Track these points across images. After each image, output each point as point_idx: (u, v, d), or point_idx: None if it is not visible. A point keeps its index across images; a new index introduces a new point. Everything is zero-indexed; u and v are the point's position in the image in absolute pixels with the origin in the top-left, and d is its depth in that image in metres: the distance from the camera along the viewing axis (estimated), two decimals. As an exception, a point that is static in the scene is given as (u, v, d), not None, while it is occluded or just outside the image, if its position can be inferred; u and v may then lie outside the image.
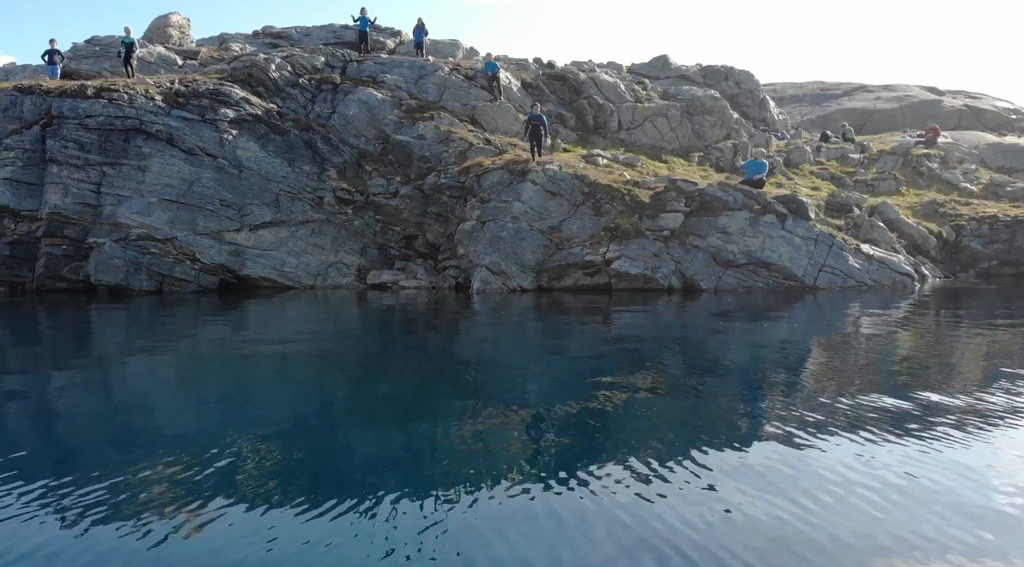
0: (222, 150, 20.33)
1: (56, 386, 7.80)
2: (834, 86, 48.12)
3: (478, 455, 4.84)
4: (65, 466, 4.74)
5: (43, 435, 5.78)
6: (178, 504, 3.88)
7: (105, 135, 19.36)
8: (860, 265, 18.80)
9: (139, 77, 22.13)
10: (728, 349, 10.03)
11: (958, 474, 4.23)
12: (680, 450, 4.79)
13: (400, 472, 4.38)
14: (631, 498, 3.89)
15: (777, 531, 3.40)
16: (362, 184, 21.71)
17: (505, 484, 4.16)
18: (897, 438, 5.00)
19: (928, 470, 4.27)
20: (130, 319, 14.70)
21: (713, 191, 19.30)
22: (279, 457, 4.76)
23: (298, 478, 4.35)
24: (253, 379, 8.12)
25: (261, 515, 3.70)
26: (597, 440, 5.21)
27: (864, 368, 8.30)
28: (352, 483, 4.24)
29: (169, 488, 4.14)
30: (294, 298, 18.28)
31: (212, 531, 3.53)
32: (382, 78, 23.94)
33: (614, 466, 4.43)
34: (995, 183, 29.03)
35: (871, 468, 4.33)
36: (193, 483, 4.21)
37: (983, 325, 12.21)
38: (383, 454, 4.85)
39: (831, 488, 3.97)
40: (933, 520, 3.55)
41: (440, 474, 4.39)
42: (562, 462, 4.59)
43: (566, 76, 27.19)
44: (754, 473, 4.23)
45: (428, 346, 11.04)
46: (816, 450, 4.74)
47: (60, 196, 18.87)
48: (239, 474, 4.39)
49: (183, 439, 5.32)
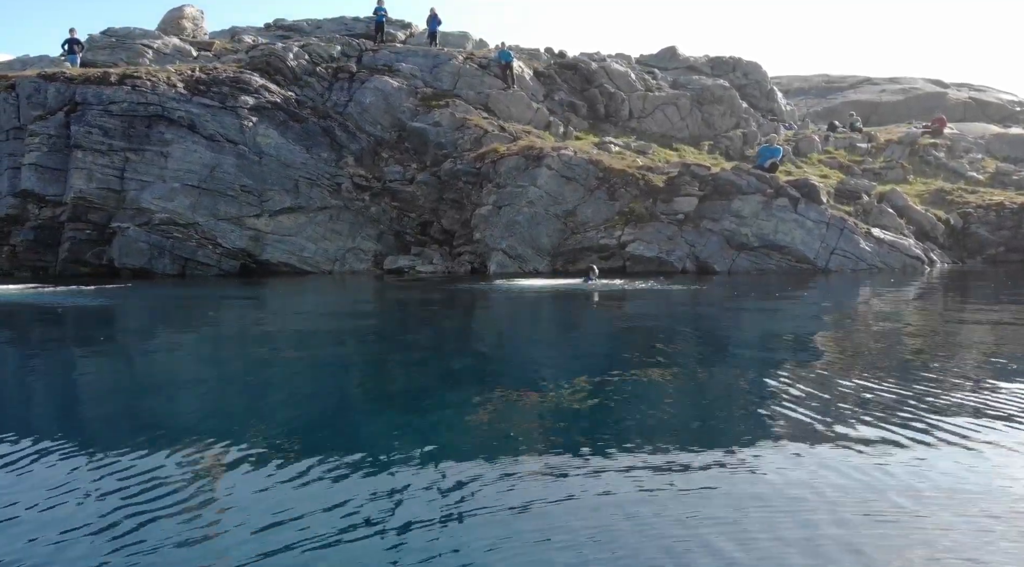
0: (242, 137, 20.66)
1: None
2: (839, 79, 48.23)
3: (490, 433, 4.94)
4: (96, 437, 4.93)
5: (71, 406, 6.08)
6: (193, 479, 3.88)
7: (128, 121, 19.70)
8: (871, 248, 19.11)
9: (161, 66, 22.45)
10: (742, 329, 10.35)
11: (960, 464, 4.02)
12: (684, 436, 4.68)
13: (417, 451, 4.35)
14: (629, 483, 3.78)
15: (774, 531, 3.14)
16: (379, 171, 22.05)
17: (506, 460, 4.17)
18: (906, 427, 4.70)
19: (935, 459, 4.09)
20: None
21: (726, 175, 19.63)
22: (296, 435, 4.82)
23: (316, 450, 4.36)
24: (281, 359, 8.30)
25: (272, 493, 3.69)
26: (611, 417, 5.24)
27: (890, 346, 8.60)
28: (365, 459, 4.23)
29: (187, 463, 4.17)
30: (314, 282, 18.65)
31: (226, 510, 3.48)
32: (397, 67, 24.26)
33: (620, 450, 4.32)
34: (1000, 172, 29.25)
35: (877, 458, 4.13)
36: (213, 458, 4.27)
37: (994, 305, 12.57)
38: (400, 429, 4.99)
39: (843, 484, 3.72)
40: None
41: (451, 452, 4.38)
42: (574, 442, 4.55)
43: (577, 65, 27.49)
44: (760, 464, 4.06)
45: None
46: (832, 442, 4.47)
47: (84, 181, 19.20)
48: (262, 447, 4.47)
49: (207, 419, 5.49)
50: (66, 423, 5.39)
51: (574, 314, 12.66)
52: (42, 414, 5.85)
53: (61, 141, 19.57)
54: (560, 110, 25.62)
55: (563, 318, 12.41)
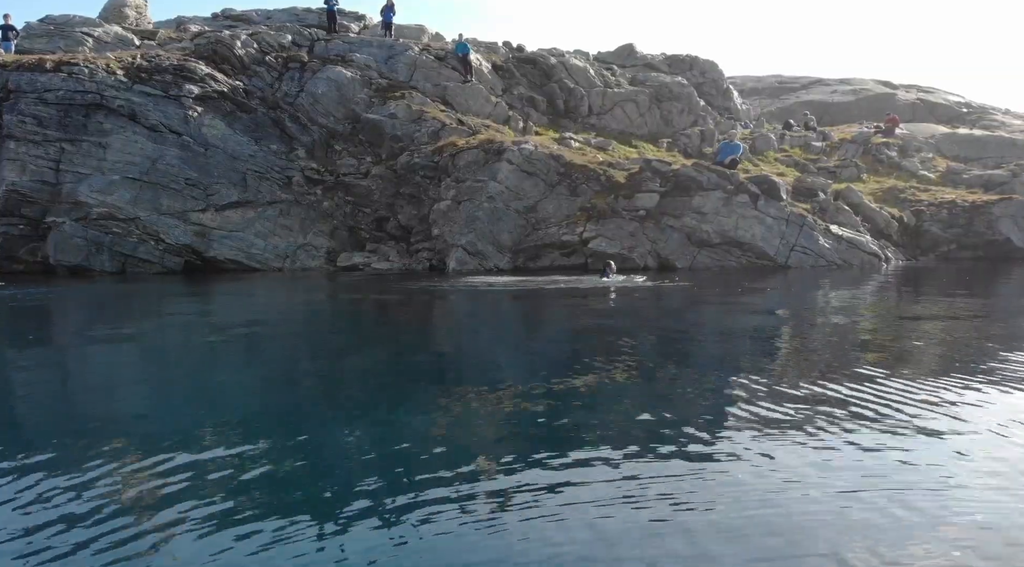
0: (187, 127, 19.72)
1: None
2: (792, 80, 48.85)
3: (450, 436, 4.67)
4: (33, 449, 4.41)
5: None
6: (138, 494, 3.59)
7: (65, 110, 18.63)
8: (830, 245, 19.11)
9: (100, 54, 21.35)
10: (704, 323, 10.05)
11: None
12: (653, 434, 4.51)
13: (371, 458, 4.16)
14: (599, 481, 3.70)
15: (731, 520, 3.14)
16: (331, 164, 21.31)
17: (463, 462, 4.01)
18: (865, 422, 4.72)
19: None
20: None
21: (687, 171, 19.41)
22: (245, 447, 4.39)
23: (263, 468, 3.99)
24: (226, 361, 7.73)
25: (221, 510, 3.39)
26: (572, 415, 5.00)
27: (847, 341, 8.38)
28: (317, 473, 3.94)
29: (131, 476, 3.85)
30: (264, 280, 17.85)
31: (173, 524, 3.21)
32: (351, 57, 23.48)
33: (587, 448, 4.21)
34: (951, 171, 29.78)
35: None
36: (154, 471, 3.91)
37: (947, 299, 12.55)
38: (356, 435, 4.68)
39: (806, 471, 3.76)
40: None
41: (412, 458, 4.13)
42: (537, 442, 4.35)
43: (536, 60, 27.06)
44: (716, 459, 4.03)
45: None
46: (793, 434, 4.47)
47: (17, 173, 18.12)
48: (209, 460, 4.11)
49: (147, 423, 5.08)
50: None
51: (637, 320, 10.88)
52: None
53: (-9, 131, 18.44)
54: (519, 105, 25.17)
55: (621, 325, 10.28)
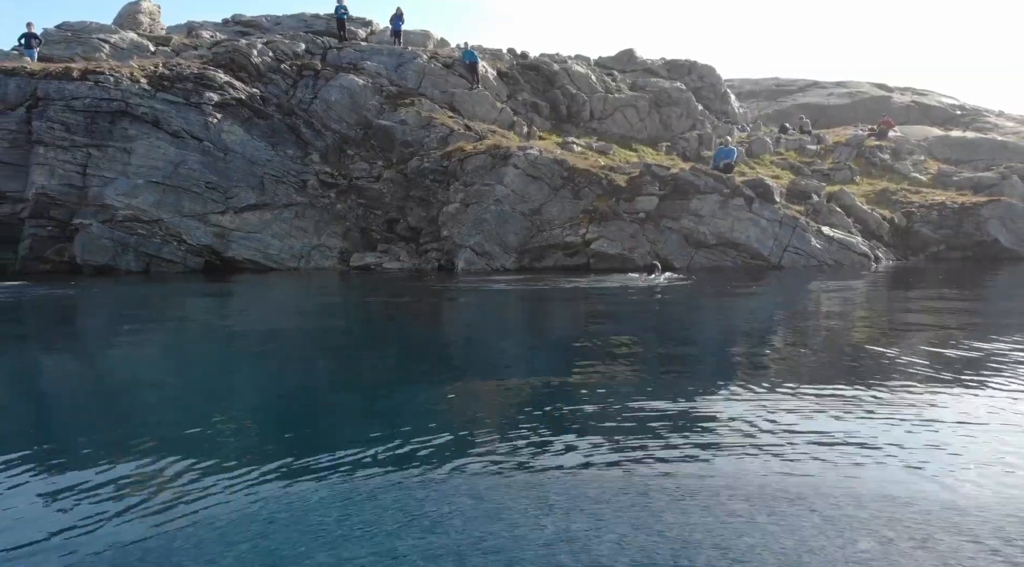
0: (207, 133, 20.63)
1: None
2: (789, 82, 49.74)
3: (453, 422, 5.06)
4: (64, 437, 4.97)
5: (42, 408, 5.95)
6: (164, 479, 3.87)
7: (91, 117, 19.51)
8: (821, 246, 20.02)
9: (123, 62, 22.24)
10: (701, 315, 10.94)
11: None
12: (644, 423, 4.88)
13: (384, 444, 4.44)
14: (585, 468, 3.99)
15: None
16: (344, 168, 22.22)
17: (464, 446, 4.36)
18: (858, 412, 5.13)
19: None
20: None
21: (685, 176, 20.33)
22: (262, 435, 4.86)
23: (284, 451, 4.38)
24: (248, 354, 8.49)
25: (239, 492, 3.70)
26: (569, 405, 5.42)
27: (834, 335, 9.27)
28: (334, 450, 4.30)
29: (156, 464, 4.14)
30: (281, 279, 18.77)
31: (201, 507, 3.47)
32: (362, 65, 24.43)
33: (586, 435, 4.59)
34: (942, 173, 30.65)
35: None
36: (180, 459, 4.22)
37: (931, 298, 13.42)
38: (368, 418, 5.15)
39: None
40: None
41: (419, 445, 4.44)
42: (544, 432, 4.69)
43: (540, 66, 28.00)
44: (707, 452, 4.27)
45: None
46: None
47: (46, 177, 18.99)
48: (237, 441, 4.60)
49: (183, 409, 5.61)
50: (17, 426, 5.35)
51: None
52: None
53: (22, 137, 19.30)
54: (524, 110, 26.10)
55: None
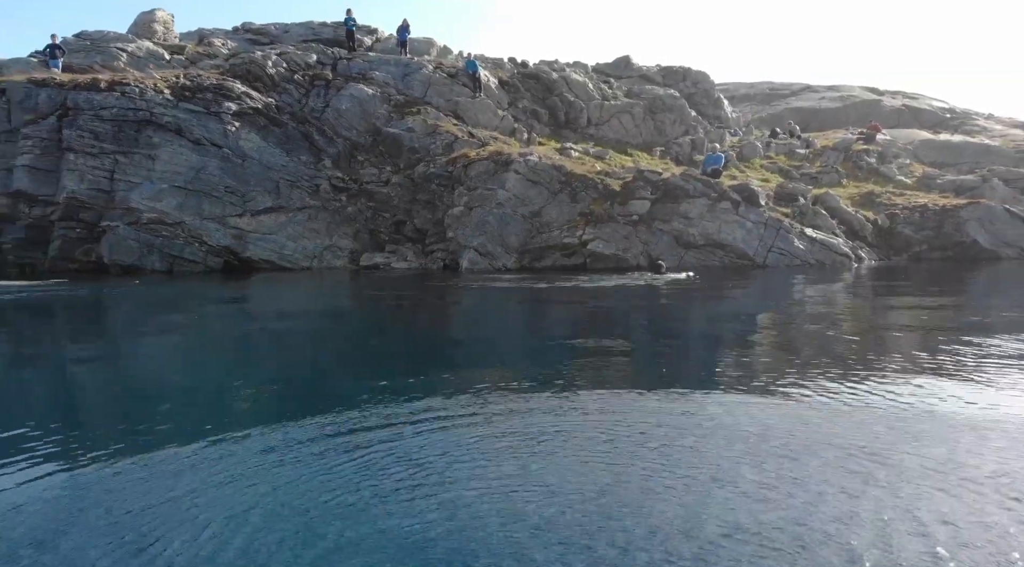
0: (226, 141, 21.92)
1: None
2: (783, 86, 51.04)
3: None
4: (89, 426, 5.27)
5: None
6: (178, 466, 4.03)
7: (118, 126, 20.80)
8: (804, 246, 21.28)
9: (146, 73, 23.52)
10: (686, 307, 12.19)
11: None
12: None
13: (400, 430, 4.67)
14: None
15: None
16: (355, 173, 23.52)
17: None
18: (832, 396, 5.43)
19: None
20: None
21: (676, 181, 21.60)
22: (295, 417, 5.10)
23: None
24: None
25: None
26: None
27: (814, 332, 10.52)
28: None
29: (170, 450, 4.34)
30: (297, 278, 20.03)
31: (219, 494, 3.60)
32: (371, 75, 25.71)
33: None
34: (927, 176, 31.91)
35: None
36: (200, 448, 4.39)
37: (907, 295, 14.67)
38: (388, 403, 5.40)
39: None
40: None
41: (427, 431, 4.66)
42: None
43: (539, 75, 29.28)
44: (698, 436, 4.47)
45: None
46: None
47: (76, 182, 20.27)
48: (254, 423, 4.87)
49: (216, 397, 5.99)
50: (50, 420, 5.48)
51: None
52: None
53: (53, 144, 20.58)
54: (524, 117, 27.39)
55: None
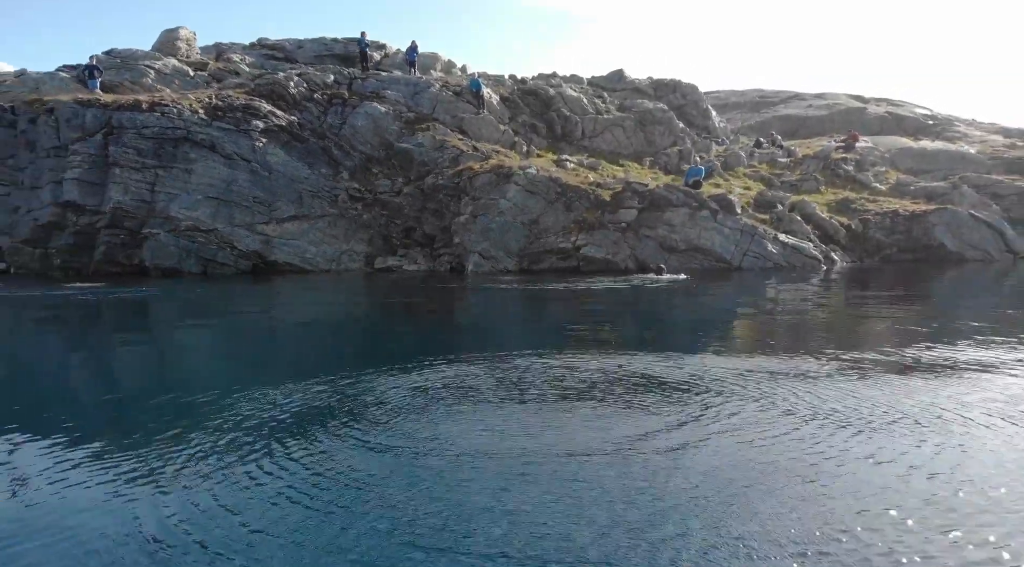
0: (254, 155, 24.23)
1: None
2: (772, 94, 53.29)
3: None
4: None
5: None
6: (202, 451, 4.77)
7: (159, 142, 23.11)
8: (776, 250, 23.54)
9: (173, 89, 25.84)
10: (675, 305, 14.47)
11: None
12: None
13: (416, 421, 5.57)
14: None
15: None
16: (370, 184, 25.83)
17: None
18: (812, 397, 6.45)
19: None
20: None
21: (661, 191, 23.89)
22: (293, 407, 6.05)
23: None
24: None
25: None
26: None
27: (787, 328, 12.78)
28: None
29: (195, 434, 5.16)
30: (321, 279, 22.33)
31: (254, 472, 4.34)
32: (383, 94, 28.04)
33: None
34: (901, 183, 34.10)
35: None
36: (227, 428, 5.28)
37: (871, 294, 16.92)
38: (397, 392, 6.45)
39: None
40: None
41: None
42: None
43: (537, 91, 31.61)
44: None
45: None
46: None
47: (121, 193, 22.56)
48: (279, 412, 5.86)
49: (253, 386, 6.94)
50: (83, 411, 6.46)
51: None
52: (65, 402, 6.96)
53: (100, 159, 22.85)
54: (523, 130, 29.71)
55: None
